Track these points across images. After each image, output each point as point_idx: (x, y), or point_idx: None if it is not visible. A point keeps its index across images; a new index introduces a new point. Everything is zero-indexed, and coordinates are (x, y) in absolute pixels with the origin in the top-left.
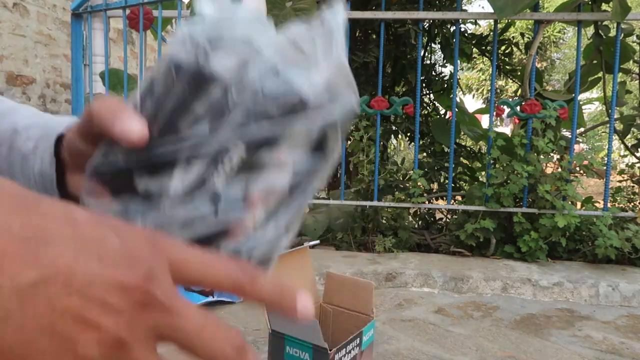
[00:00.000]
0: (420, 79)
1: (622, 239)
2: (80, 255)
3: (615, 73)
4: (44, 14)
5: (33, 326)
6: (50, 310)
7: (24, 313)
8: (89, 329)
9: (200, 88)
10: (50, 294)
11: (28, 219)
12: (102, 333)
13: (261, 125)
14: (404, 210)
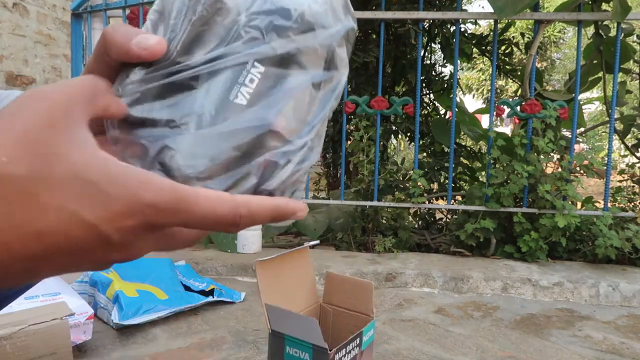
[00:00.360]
0: (420, 79)
1: (623, 239)
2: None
3: (616, 73)
4: (44, 14)
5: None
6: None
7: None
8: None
9: (213, 14)
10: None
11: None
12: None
13: (272, 43)
14: (404, 210)
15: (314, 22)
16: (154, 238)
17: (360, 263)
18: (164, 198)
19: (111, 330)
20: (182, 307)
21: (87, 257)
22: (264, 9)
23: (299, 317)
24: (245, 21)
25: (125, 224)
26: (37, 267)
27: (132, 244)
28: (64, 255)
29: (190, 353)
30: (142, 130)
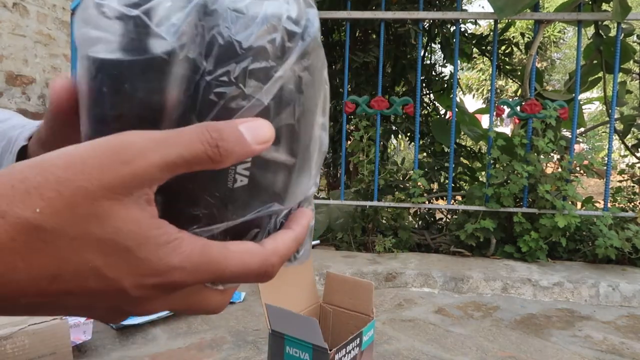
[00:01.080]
0: (420, 79)
1: (623, 239)
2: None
3: (616, 73)
4: (44, 13)
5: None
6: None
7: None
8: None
9: (159, 73)
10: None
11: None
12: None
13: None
14: (404, 210)
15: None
16: (176, 297)
17: (360, 263)
18: (193, 260)
19: (111, 330)
20: None
21: (99, 305)
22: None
23: (299, 317)
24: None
25: (147, 282)
26: (43, 305)
27: (149, 301)
28: (74, 299)
29: (190, 353)
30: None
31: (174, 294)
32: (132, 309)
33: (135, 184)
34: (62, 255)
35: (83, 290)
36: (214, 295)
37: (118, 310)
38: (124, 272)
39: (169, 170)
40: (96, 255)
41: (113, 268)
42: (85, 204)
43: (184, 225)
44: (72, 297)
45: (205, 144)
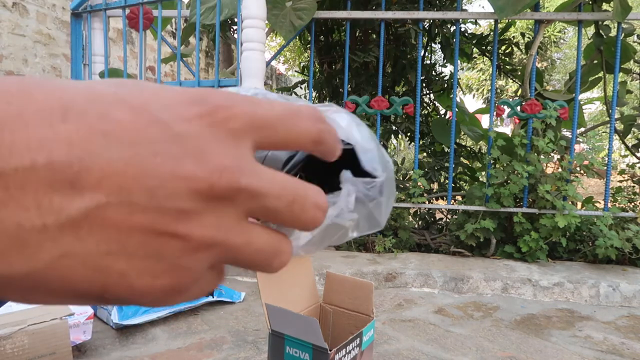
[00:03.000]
0: (420, 79)
1: (623, 239)
2: (133, 161)
3: (616, 73)
4: (44, 13)
5: (101, 255)
6: (118, 234)
7: (86, 246)
8: (171, 240)
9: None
10: (111, 217)
11: (51, 130)
12: (188, 241)
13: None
14: (404, 210)
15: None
16: (230, 213)
17: (360, 263)
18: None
19: (111, 330)
20: (181, 307)
21: (150, 159)
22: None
23: (299, 317)
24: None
25: (190, 112)
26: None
27: (209, 144)
28: (111, 146)
29: (190, 353)
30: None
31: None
32: (189, 163)
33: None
34: (73, 84)
35: (107, 125)
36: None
37: (172, 158)
38: (152, 99)
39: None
40: (113, 83)
41: (136, 95)
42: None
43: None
44: (93, 144)
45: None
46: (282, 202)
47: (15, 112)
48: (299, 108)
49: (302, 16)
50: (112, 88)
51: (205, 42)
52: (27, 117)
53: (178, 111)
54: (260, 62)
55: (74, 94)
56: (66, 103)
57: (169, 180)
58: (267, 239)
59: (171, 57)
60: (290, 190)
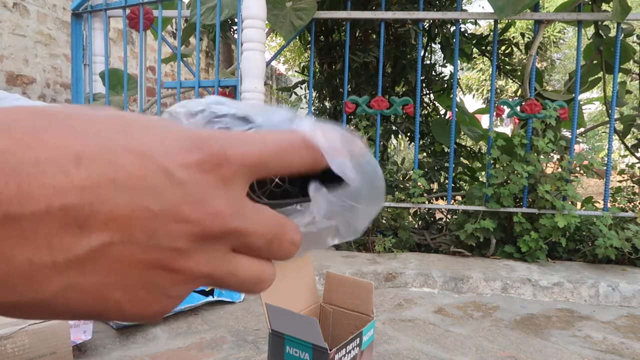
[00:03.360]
0: (420, 79)
1: (622, 239)
2: (137, 206)
3: (616, 73)
4: (44, 13)
5: (101, 287)
6: (118, 269)
7: (89, 279)
8: (165, 274)
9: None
10: (114, 255)
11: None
12: (180, 275)
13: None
14: (404, 210)
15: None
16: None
17: (360, 263)
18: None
19: (111, 329)
20: (181, 307)
21: (152, 205)
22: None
23: (299, 317)
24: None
25: (189, 159)
26: (88, 204)
27: (204, 191)
28: (118, 192)
29: (190, 353)
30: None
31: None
32: (187, 206)
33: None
34: (79, 129)
35: (115, 172)
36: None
37: (174, 204)
38: (156, 146)
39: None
40: (122, 131)
41: (141, 142)
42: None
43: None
44: (113, 188)
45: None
46: (263, 240)
47: (32, 158)
48: (291, 141)
49: (302, 16)
50: (119, 134)
51: (205, 42)
52: (44, 164)
53: (178, 159)
54: (260, 62)
55: (85, 141)
56: (79, 151)
57: (168, 224)
58: (250, 270)
59: (171, 57)
60: (271, 229)
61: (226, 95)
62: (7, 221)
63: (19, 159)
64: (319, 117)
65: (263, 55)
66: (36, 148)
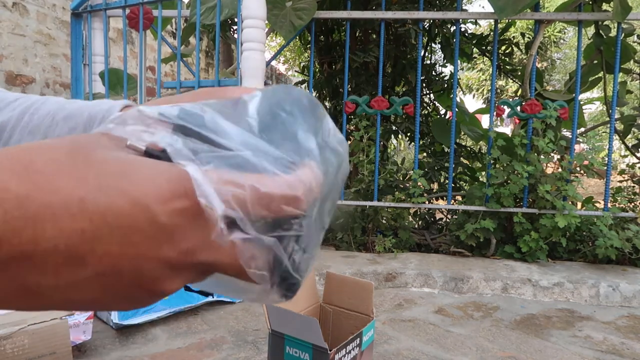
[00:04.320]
0: (420, 79)
1: (623, 239)
2: (127, 246)
3: (616, 73)
4: (44, 13)
5: (94, 297)
6: (108, 288)
7: (85, 294)
8: (147, 293)
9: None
10: (105, 281)
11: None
12: (160, 294)
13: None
14: (404, 210)
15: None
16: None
17: (360, 263)
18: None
19: (111, 330)
20: (181, 307)
21: (139, 244)
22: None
23: (300, 317)
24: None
25: (175, 206)
26: (86, 251)
27: (182, 233)
28: (112, 234)
29: (190, 353)
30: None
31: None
32: (169, 251)
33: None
34: (78, 176)
35: (113, 213)
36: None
37: (158, 255)
38: (149, 191)
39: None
40: (118, 177)
41: (136, 187)
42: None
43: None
44: (109, 232)
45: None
46: (232, 270)
47: (46, 203)
48: (274, 186)
49: (302, 16)
50: (115, 176)
51: (205, 42)
52: (55, 208)
53: (165, 206)
54: (260, 62)
55: (86, 184)
56: (82, 195)
57: (151, 260)
58: (205, 280)
59: (171, 57)
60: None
61: None
62: (23, 256)
63: (38, 204)
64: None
65: (263, 55)
66: (50, 192)
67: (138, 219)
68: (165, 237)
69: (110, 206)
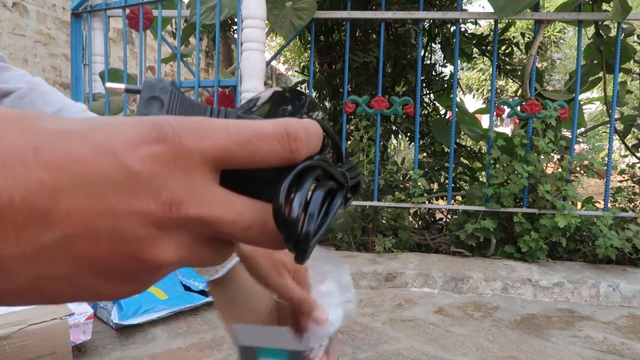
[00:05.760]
0: (420, 79)
1: (623, 239)
2: (96, 197)
3: (616, 73)
4: (44, 13)
5: (72, 275)
6: (86, 259)
7: (59, 268)
8: (134, 262)
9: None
10: (80, 246)
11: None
12: (149, 263)
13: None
14: (404, 210)
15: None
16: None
17: (360, 263)
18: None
19: (111, 330)
20: (182, 307)
21: (110, 196)
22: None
23: (270, 330)
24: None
25: (147, 151)
26: (53, 206)
27: (161, 181)
28: (76, 184)
29: (190, 353)
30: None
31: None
32: (148, 203)
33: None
34: (43, 127)
35: (78, 165)
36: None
37: (135, 206)
38: (117, 139)
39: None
40: (80, 123)
41: (102, 136)
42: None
43: None
44: (74, 184)
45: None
46: (237, 228)
47: None
48: (262, 129)
49: (302, 16)
50: (77, 125)
51: (205, 42)
52: (2, 156)
53: (134, 151)
54: (260, 62)
55: (44, 135)
56: (37, 144)
57: (128, 215)
58: (213, 256)
59: (171, 57)
60: (246, 217)
61: (226, 95)
62: None
63: None
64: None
65: (263, 55)
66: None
67: (104, 166)
68: (141, 187)
69: (70, 152)
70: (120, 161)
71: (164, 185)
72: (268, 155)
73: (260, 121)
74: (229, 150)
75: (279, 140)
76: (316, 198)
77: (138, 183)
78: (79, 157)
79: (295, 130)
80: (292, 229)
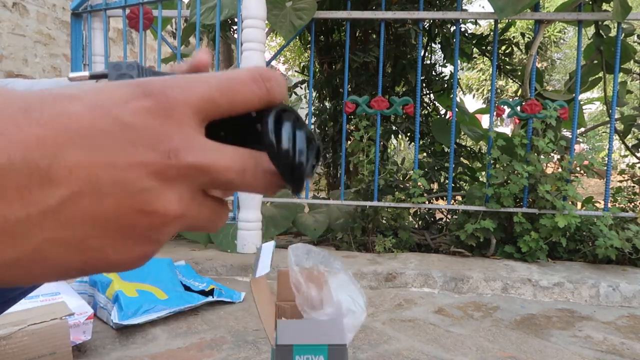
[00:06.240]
0: (421, 79)
1: (623, 239)
2: (94, 152)
3: (616, 73)
4: (44, 13)
5: (80, 236)
6: (93, 218)
7: (66, 230)
8: (140, 217)
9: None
10: (85, 204)
11: (29, 132)
12: (155, 217)
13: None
14: (404, 210)
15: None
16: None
17: (360, 263)
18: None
19: (111, 330)
20: (182, 307)
21: (109, 148)
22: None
23: (313, 322)
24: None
25: (138, 105)
26: (57, 154)
27: (156, 131)
28: (73, 139)
29: (190, 353)
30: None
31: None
32: (146, 153)
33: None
34: (25, 96)
35: (73, 123)
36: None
37: (137, 157)
38: (104, 97)
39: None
40: (68, 88)
41: (92, 96)
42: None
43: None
44: (73, 138)
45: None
46: (232, 173)
47: None
48: (237, 75)
49: (302, 16)
50: (65, 90)
51: (205, 42)
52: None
53: (128, 106)
54: (260, 62)
55: (32, 97)
56: (25, 105)
57: (129, 167)
58: (213, 210)
59: (171, 57)
60: (238, 161)
61: None
62: None
63: None
64: (319, 117)
65: (263, 55)
66: None
67: (98, 121)
68: (137, 138)
69: (63, 111)
70: (113, 115)
71: (160, 135)
72: (247, 97)
73: (234, 69)
74: (211, 97)
75: (254, 81)
76: (300, 135)
77: (134, 135)
78: (72, 114)
79: (267, 71)
80: (286, 158)
